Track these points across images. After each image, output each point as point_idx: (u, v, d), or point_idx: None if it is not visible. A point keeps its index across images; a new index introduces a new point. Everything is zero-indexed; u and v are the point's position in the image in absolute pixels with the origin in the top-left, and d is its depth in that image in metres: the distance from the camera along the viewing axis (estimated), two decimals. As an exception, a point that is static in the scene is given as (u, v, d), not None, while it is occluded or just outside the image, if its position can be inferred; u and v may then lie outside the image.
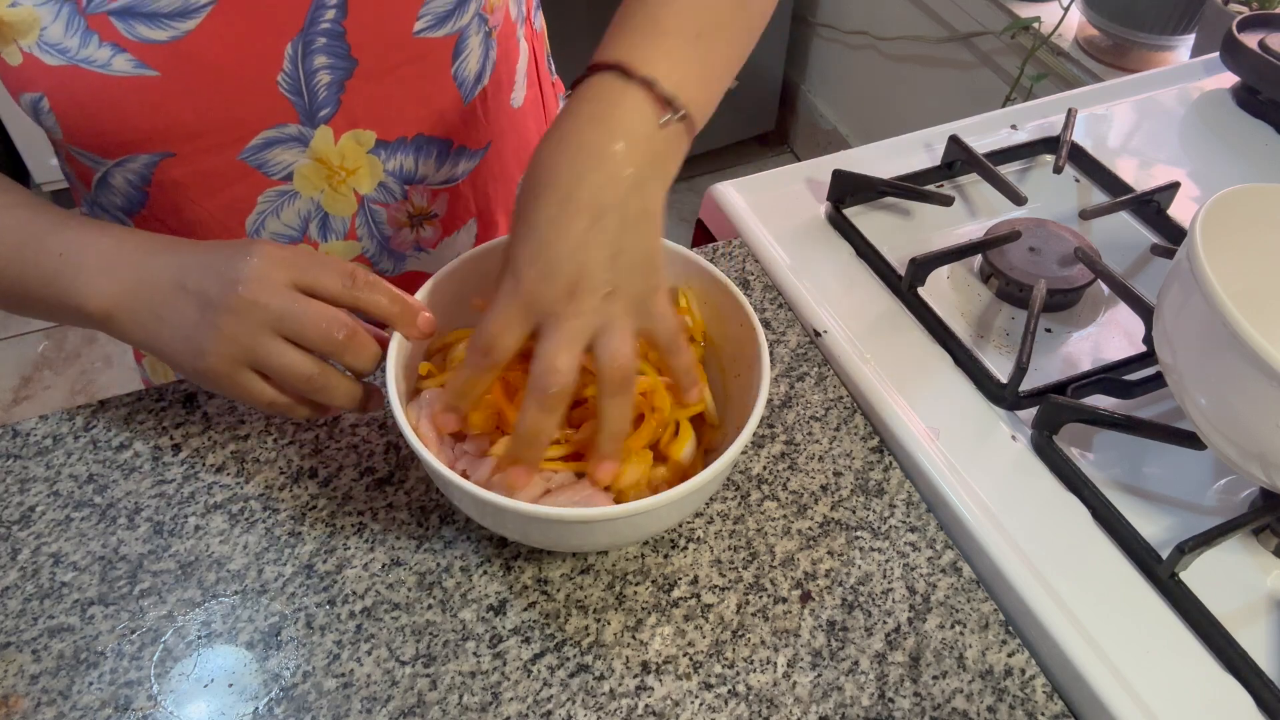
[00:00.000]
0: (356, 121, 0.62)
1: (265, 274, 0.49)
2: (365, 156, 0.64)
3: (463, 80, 0.64)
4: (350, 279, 0.51)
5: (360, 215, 0.67)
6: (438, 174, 0.68)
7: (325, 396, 0.52)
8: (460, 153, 0.68)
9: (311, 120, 0.60)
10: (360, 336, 0.51)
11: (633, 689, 0.52)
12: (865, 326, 0.69)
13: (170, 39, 0.54)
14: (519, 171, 0.75)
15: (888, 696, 0.52)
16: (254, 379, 0.51)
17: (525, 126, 0.74)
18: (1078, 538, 0.58)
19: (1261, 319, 0.50)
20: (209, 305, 0.49)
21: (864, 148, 0.84)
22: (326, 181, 0.64)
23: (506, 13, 0.66)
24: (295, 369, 0.50)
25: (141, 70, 0.54)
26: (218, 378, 0.50)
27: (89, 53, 0.53)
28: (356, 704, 0.51)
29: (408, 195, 0.68)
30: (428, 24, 0.59)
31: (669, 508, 0.49)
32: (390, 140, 0.64)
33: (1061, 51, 1.46)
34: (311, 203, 0.65)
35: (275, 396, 0.52)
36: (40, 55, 0.52)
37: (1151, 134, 0.88)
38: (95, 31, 0.52)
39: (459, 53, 0.62)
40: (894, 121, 2.01)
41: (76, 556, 0.57)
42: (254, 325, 0.49)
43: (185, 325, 0.50)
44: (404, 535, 0.58)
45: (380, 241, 0.69)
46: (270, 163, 0.62)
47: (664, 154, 0.49)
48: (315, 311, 0.49)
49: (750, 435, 0.50)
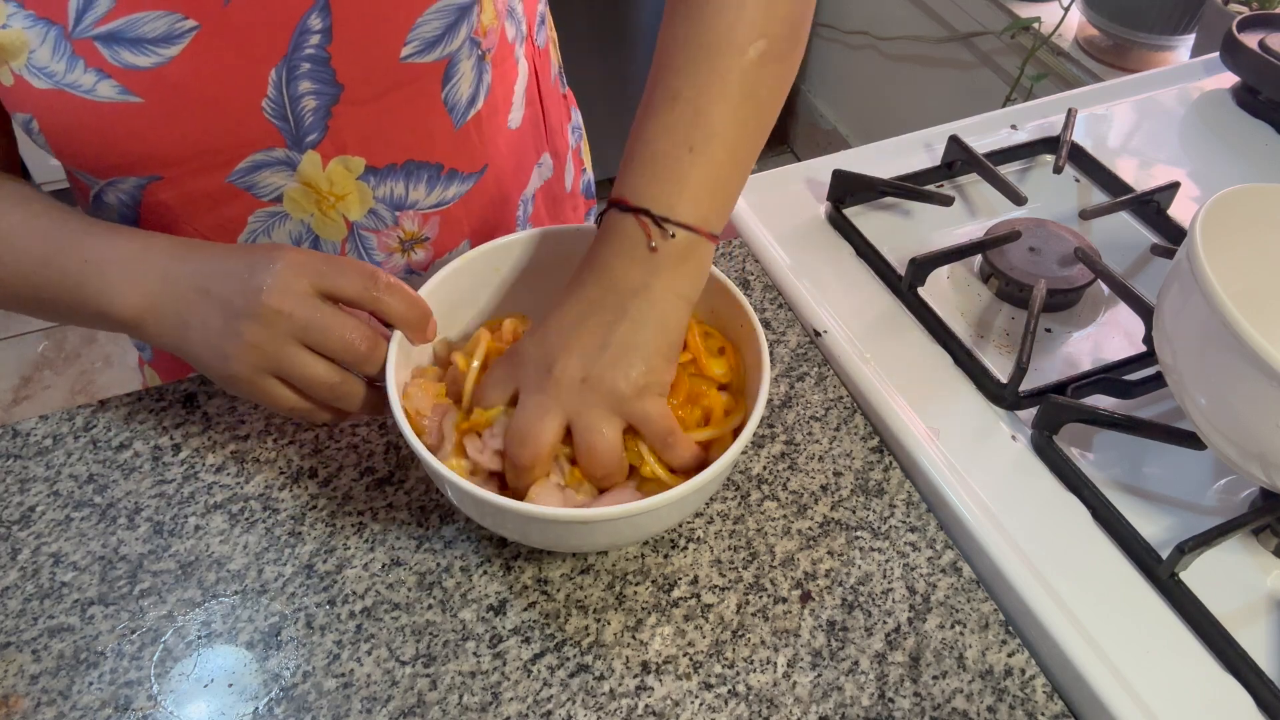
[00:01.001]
0: (344, 148, 0.61)
1: (288, 282, 0.50)
2: (354, 183, 0.63)
3: (454, 105, 0.63)
4: (372, 280, 0.52)
5: (350, 241, 0.66)
6: (428, 198, 0.67)
7: (347, 404, 0.53)
8: (452, 176, 0.67)
9: (299, 145, 0.59)
10: (380, 347, 0.52)
11: (633, 689, 0.52)
12: (865, 326, 0.69)
13: (154, 65, 0.53)
14: (516, 192, 0.74)
15: (888, 696, 0.52)
16: (277, 385, 0.52)
17: (523, 146, 0.73)
18: (1078, 538, 0.58)
19: (1261, 319, 0.50)
20: (233, 313, 0.50)
21: (864, 148, 0.84)
22: (316, 206, 0.63)
23: (502, 34, 0.64)
24: (319, 378, 0.51)
25: (126, 97, 0.54)
26: (242, 383, 0.51)
27: (75, 78, 0.53)
28: (356, 704, 0.51)
29: (398, 221, 0.67)
30: (415, 49, 0.58)
31: (668, 508, 0.49)
32: (379, 167, 0.63)
33: (1061, 51, 1.46)
34: (302, 225, 0.64)
35: (298, 402, 0.53)
36: (29, 78, 0.52)
37: (1151, 134, 0.88)
38: (81, 57, 0.52)
39: (449, 78, 0.61)
40: (894, 121, 2.01)
41: (76, 556, 0.57)
42: (278, 334, 0.50)
43: (210, 331, 0.51)
44: (404, 535, 0.58)
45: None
46: (259, 185, 0.61)
47: (670, 267, 0.51)
48: (340, 323, 0.50)
49: (750, 435, 0.50)
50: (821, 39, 2.18)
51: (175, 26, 0.53)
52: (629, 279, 0.51)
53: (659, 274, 0.51)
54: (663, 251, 0.51)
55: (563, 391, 0.49)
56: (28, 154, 0.65)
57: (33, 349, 1.96)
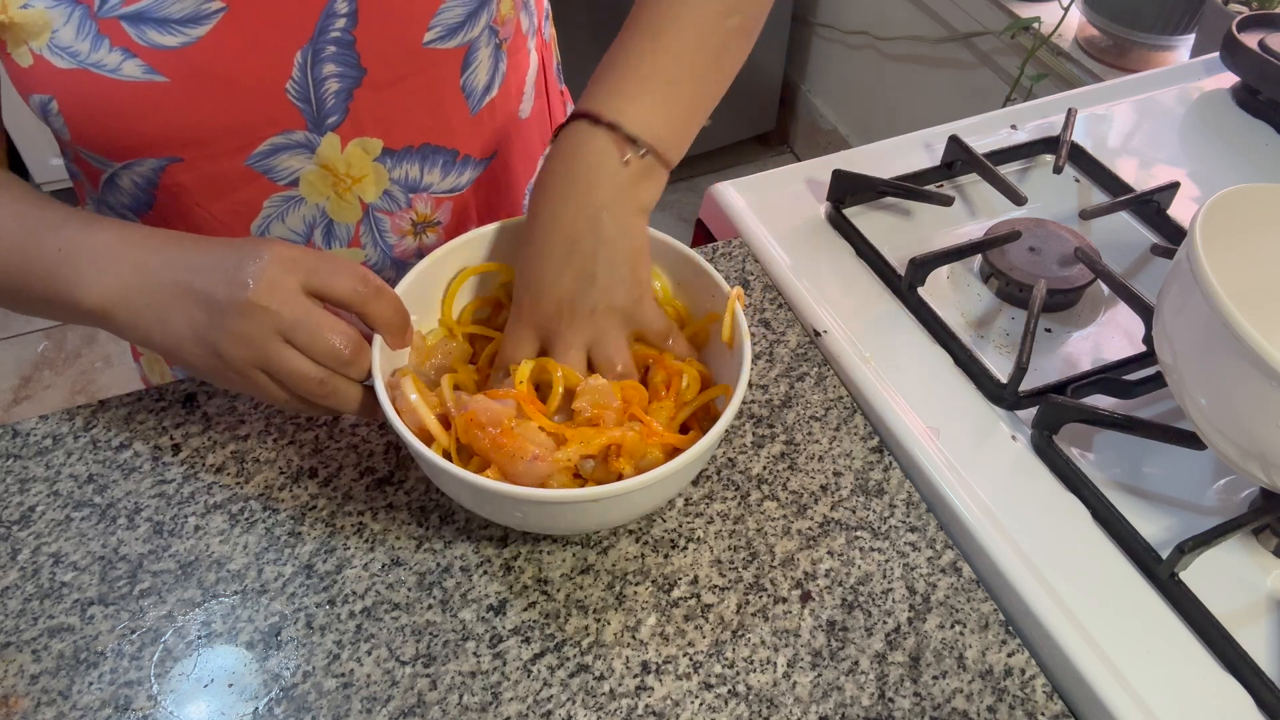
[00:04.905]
0: (364, 130, 0.62)
1: (277, 278, 0.49)
2: (371, 165, 0.64)
3: (471, 91, 0.64)
4: (363, 283, 0.51)
5: (365, 223, 0.67)
6: (443, 183, 0.68)
7: (334, 401, 0.53)
8: (466, 162, 0.68)
9: (319, 128, 0.60)
10: (365, 351, 0.52)
11: (633, 689, 0.52)
12: (865, 326, 0.69)
13: (180, 45, 0.54)
14: (524, 181, 0.75)
15: (888, 696, 0.52)
16: (265, 379, 0.51)
17: (531, 136, 0.74)
18: (1078, 538, 0.58)
19: (1261, 319, 0.50)
20: (217, 308, 0.49)
21: (864, 148, 0.84)
22: (332, 189, 0.64)
23: (517, 25, 0.66)
24: (304, 374, 0.51)
25: (151, 76, 0.54)
26: (228, 378, 0.51)
27: (99, 57, 0.53)
28: (356, 704, 0.51)
29: (412, 203, 0.68)
30: (438, 35, 0.59)
31: (660, 484, 0.50)
32: (396, 149, 0.64)
33: (1061, 51, 1.46)
34: (317, 209, 0.65)
35: (287, 397, 0.52)
36: (50, 58, 0.52)
37: (1151, 134, 0.88)
38: (106, 36, 0.52)
39: (468, 64, 0.63)
40: (894, 121, 2.01)
41: (76, 556, 0.57)
42: (264, 331, 0.49)
43: (194, 326, 0.50)
44: (404, 535, 0.58)
45: (384, 250, 0.70)
46: (277, 168, 0.62)
47: (634, 184, 0.55)
48: (327, 325, 0.50)
49: (739, 405, 0.52)
50: (821, 39, 2.18)
51: (203, 7, 0.53)
52: (598, 195, 0.54)
53: (625, 190, 0.54)
54: (632, 168, 0.54)
55: (579, 327, 0.55)
56: (28, 152, 0.66)
57: (33, 349, 1.96)
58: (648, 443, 0.53)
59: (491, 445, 0.50)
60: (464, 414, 0.51)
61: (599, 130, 0.54)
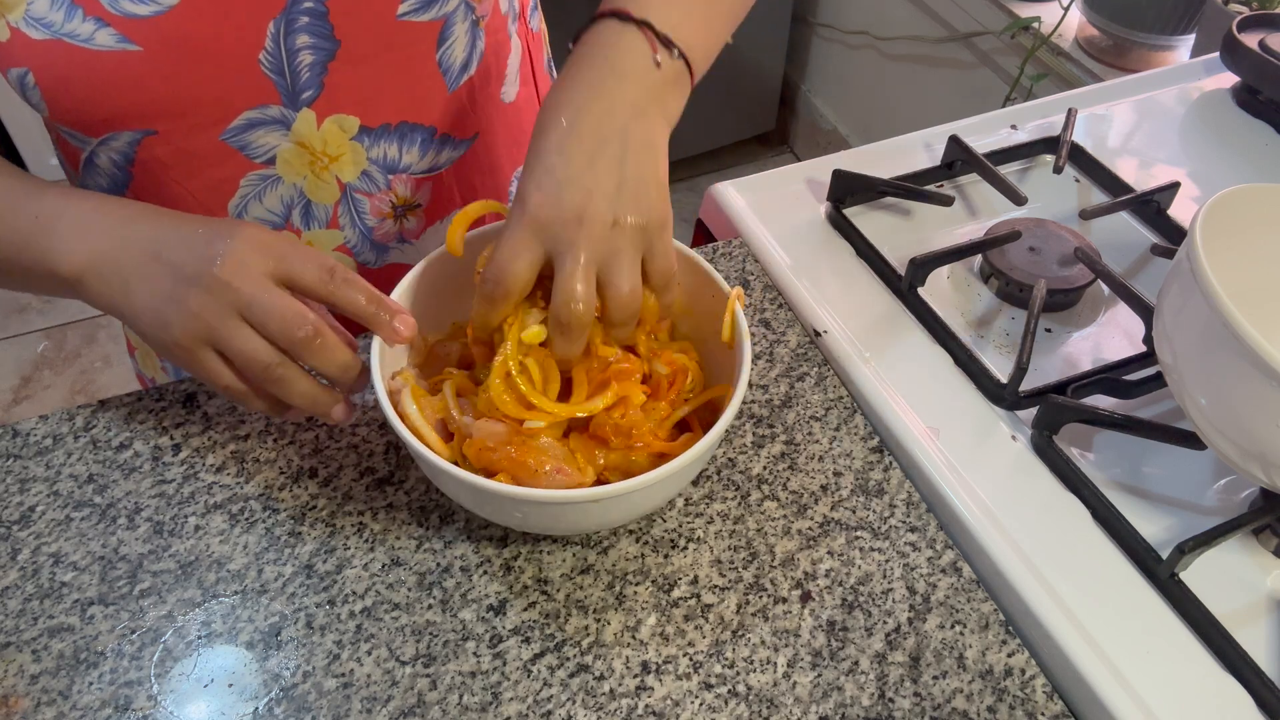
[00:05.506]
0: (339, 106, 0.62)
1: (244, 258, 0.49)
2: (348, 143, 0.64)
3: (447, 67, 0.64)
4: (329, 274, 0.51)
5: (343, 204, 0.67)
6: (421, 162, 0.68)
7: (281, 390, 0.52)
8: (445, 141, 0.68)
9: (294, 102, 0.60)
10: (326, 339, 0.51)
11: (633, 689, 0.52)
12: (865, 326, 0.69)
13: (153, 14, 0.54)
14: (510, 165, 0.75)
15: (888, 696, 0.52)
16: (213, 358, 0.51)
17: (520, 122, 0.74)
18: (1078, 538, 0.58)
19: (1261, 319, 0.50)
20: (181, 279, 0.49)
21: (864, 148, 0.84)
22: (309, 167, 0.64)
23: (496, 5, 0.66)
24: (254, 356, 0.50)
25: (124, 45, 0.54)
26: (179, 352, 0.51)
27: (73, 27, 0.53)
28: (356, 704, 0.51)
29: (391, 185, 0.68)
30: (411, 8, 0.59)
31: (661, 484, 0.50)
32: (373, 127, 0.64)
33: (1061, 51, 1.46)
34: (294, 189, 0.65)
35: (232, 381, 0.52)
36: (26, 30, 0.53)
37: (1151, 134, 0.88)
38: (80, 6, 0.53)
39: (444, 39, 0.62)
40: (894, 121, 2.01)
41: (76, 556, 0.57)
42: (221, 305, 0.49)
43: (155, 296, 0.50)
44: (404, 535, 0.58)
45: (363, 232, 0.69)
46: (252, 145, 0.61)
47: (663, 90, 0.51)
48: (283, 305, 0.49)
49: (739, 405, 0.52)
50: (821, 39, 2.18)
51: None
52: (626, 98, 0.50)
53: (655, 93, 0.51)
54: (664, 70, 0.51)
55: (597, 240, 0.48)
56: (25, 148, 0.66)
57: (33, 349, 1.96)
58: (646, 411, 0.53)
59: (511, 464, 0.50)
60: (472, 444, 0.51)
61: (629, 27, 0.51)
